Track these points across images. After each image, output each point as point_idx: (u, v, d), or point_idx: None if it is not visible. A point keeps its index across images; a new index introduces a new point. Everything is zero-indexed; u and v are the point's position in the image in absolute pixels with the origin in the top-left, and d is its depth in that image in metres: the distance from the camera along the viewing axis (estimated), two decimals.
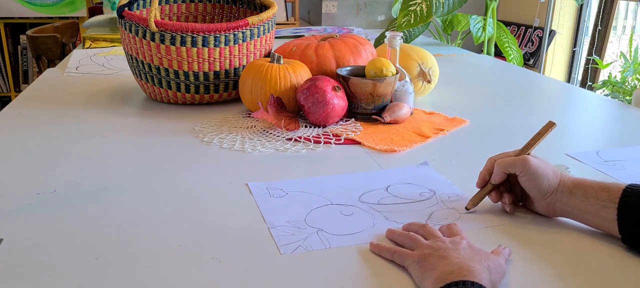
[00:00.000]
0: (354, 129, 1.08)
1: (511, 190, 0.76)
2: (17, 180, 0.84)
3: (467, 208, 0.75)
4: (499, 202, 0.76)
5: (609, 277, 0.61)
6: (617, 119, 1.24)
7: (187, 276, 0.60)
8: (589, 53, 3.17)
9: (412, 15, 1.70)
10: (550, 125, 0.76)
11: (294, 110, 1.12)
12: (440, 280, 0.54)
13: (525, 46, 3.45)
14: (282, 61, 1.13)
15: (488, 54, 2.12)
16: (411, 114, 1.15)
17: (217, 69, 1.19)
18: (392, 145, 1.00)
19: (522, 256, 0.64)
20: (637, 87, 2.55)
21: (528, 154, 0.74)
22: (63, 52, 2.35)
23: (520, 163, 0.71)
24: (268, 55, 1.30)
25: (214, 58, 1.17)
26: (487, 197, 0.76)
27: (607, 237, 0.68)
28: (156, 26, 1.13)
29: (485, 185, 0.75)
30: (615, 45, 3.23)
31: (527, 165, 0.71)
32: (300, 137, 1.03)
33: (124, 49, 1.25)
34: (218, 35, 1.16)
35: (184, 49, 1.15)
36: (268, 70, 1.09)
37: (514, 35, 3.52)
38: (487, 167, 0.76)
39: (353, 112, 1.13)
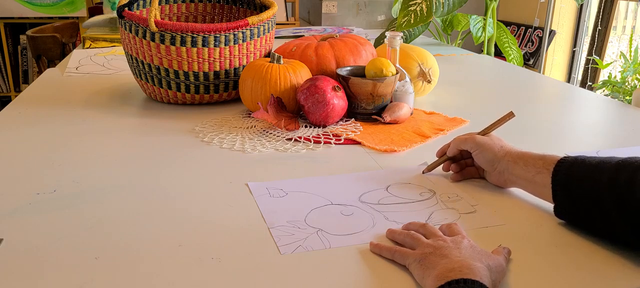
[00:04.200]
0: (354, 129, 1.08)
1: (473, 165, 0.86)
2: (17, 180, 0.84)
3: (423, 172, 0.88)
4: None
5: (610, 277, 0.61)
6: (617, 119, 1.24)
7: (187, 276, 0.60)
8: (589, 53, 3.17)
9: (412, 15, 1.70)
10: (509, 115, 0.87)
11: (294, 110, 1.12)
12: (440, 278, 0.54)
13: (525, 46, 3.45)
14: (282, 61, 1.13)
15: (488, 54, 2.12)
16: (411, 114, 1.15)
17: (217, 69, 1.19)
18: (392, 145, 1.00)
19: (522, 256, 0.64)
20: (637, 87, 2.55)
21: (483, 135, 0.84)
22: (63, 52, 2.35)
23: (470, 140, 0.83)
24: (268, 55, 1.30)
25: (214, 58, 1.17)
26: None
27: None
28: (156, 26, 1.13)
29: (443, 156, 0.88)
30: (615, 45, 3.24)
31: (475, 141, 0.82)
32: (300, 137, 1.03)
33: (124, 49, 1.25)
34: (218, 35, 1.16)
35: (184, 49, 1.15)
36: (268, 70, 1.09)
37: (514, 35, 3.52)
38: (449, 142, 0.87)
39: (353, 112, 1.13)
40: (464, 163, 0.87)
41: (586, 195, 0.67)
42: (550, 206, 0.74)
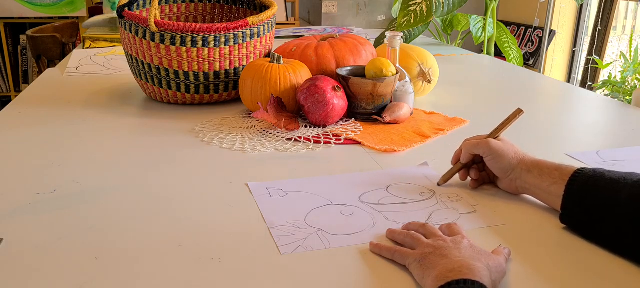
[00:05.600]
0: (354, 129, 1.08)
1: (484, 170, 0.83)
2: (17, 180, 0.84)
3: (438, 184, 0.83)
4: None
5: (610, 277, 0.61)
6: (617, 119, 1.24)
7: (187, 276, 0.60)
8: (589, 53, 3.17)
9: (412, 15, 1.70)
10: (518, 112, 0.82)
11: (294, 110, 1.12)
12: (441, 279, 0.54)
13: (525, 46, 3.45)
14: (282, 61, 1.13)
15: (488, 54, 2.12)
16: (411, 114, 1.15)
17: (217, 69, 1.19)
18: (392, 145, 1.00)
19: (522, 256, 0.64)
20: (637, 87, 2.55)
21: (495, 138, 0.81)
22: (63, 52, 2.35)
23: (483, 145, 0.79)
24: (268, 55, 1.30)
25: (214, 58, 1.17)
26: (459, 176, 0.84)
27: None
28: (156, 26, 1.13)
29: (456, 163, 0.84)
30: (615, 45, 3.24)
31: (489, 146, 0.79)
32: (300, 137, 1.03)
33: (124, 49, 1.25)
34: (218, 35, 1.16)
35: (184, 49, 1.15)
36: (268, 70, 1.09)
37: (514, 35, 3.52)
38: (461, 147, 0.83)
39: (353, 112, 1.13)
40: (478, 169, 0.83)
41: (600, 207, 0.65)
42: (550, 207, 0.74)
